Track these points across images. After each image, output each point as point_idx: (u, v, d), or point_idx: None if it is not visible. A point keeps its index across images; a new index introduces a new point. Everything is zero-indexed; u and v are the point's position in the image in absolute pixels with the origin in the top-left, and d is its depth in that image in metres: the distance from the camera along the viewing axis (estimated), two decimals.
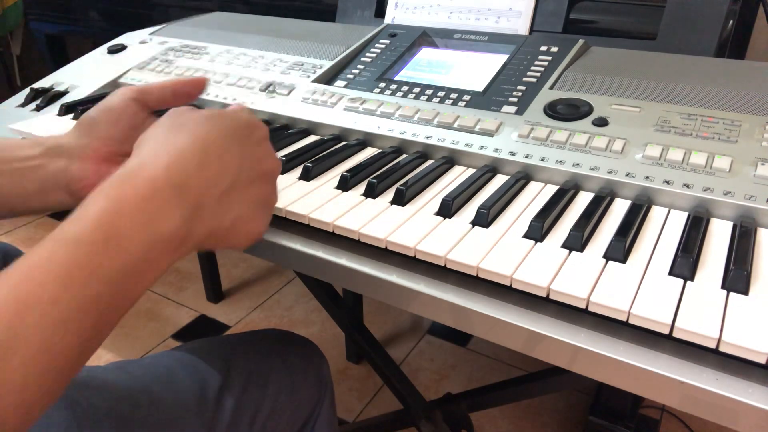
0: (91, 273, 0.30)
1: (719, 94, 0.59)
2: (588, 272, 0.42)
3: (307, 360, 0.67)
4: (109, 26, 1.51)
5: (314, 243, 0.51)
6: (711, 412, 0.35)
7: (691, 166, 0.52)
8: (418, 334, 1.49)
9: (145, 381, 0.54)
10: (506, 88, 0.67)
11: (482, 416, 1.24)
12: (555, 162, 0.55)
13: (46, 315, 0.27)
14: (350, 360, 1.42)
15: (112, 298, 0.31)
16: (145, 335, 1.52)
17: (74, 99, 0.81)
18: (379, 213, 0.51)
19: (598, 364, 0.38)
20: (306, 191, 0.55)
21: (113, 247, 0.31)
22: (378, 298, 0.47)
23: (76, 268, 0.29)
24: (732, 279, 0.40)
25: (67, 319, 0.28)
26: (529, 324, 0.41)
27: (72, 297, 0.29)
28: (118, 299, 0.31)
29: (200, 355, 0.60)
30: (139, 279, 0.32)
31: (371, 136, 0.65)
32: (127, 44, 0.97)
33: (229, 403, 0.56)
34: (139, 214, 0.32)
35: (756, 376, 0.35)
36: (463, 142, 0.60)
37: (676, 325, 0.36)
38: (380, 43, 0.80)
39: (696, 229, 0.46)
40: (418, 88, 0.70)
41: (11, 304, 0.27)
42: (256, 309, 1.61)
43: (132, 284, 0.32)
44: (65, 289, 0.29)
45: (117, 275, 0.31)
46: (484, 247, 0.45)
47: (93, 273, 0.30)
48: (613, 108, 0.60)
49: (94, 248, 0.30)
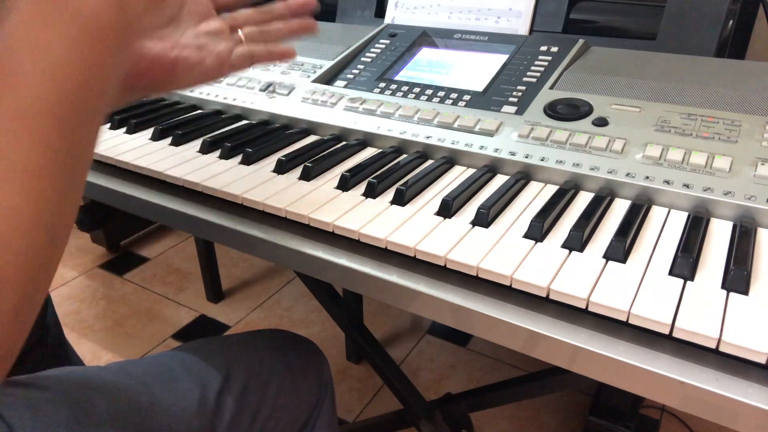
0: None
1: (719, 94, 0.59)
2: (588, 272, 0.42)
3: (307, 360, 0.67)
4: None
5: (314, 243, 0.51)
6: (711, 412, 0.35)
7: (691, 166, 0.52)
8: (418, 334, 1.49)
9: (145, 381, 0.54)
10: (506, 88, 0.67)
11: (482, 416, 1.24)
12: (555, 162, 0.55)
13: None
14: (350, 360, 1.42)
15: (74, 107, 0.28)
16: (145, 335, 1.52)
17: None
18: (379, 213, 0.51)
19: (598, 364, 0.38)
20: (306, 191, 0.55)
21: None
22: (378, 298, 0.47)
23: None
24: (732, 279, 0.40)
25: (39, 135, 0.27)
26: (529, 324, 0.41)
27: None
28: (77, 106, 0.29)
29: (200, 355, 0.60)
30: (85, 76, 0.29)
31: (371, 136, 0.66)
32: None
33: (229, 403, 0.56)
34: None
35: (756, 376, 0.35)
36: (463, 142, 0.60)
37: (676, 325, 0.36)
38: (380, 43, 0.80)
39: (696, 229, 0.46)
40: (418, 88, 0.70)
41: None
42: (256, 309, 1.61)
43: (83, 83, 0.29)
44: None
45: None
46: (484, 247, 0.45)
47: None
48: (613, 108, 0.60)
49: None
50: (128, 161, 0.64)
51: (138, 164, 0.63)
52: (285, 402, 0.61)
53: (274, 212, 0.53)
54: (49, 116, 0.28)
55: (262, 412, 0.59)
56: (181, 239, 1.93)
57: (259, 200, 0.53)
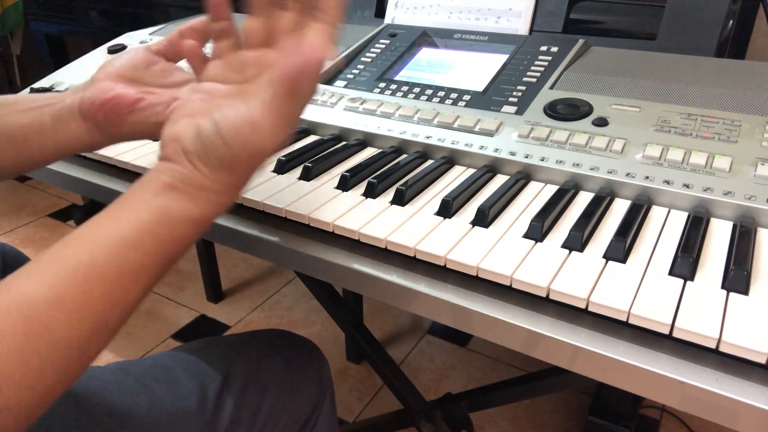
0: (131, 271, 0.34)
1: (719, 94, 0.59)
2: (588, 272, 0.42)
3: (307, 360, 0.67)
4: (109, 26, 1.51)
5: (314, 243, 0.51)
6: (711, 412, 0.35)
7: (691, 166, 0.51)
8: (418, 334, 1.49)
9: (144, 381, 0.54)
10: (506, 88, 0.67)
11: (482, 416, 1.24)
12: (555, 162, 0.55)
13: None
14: (350, 360, 1.42)
15: (159, 269, 0.36)
16: (145, 335, 1.52)
17: None
18: (379, 213, 0.51)
19: (598, 364, 0.38)
20: (306, 191, 0.55)
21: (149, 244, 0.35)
22: (378, 298, 0.47)
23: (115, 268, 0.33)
24: (732, 279, 0.40)
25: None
26: (529, 324, 0.41)
27: (109, 291, 0.33)
28: (161, 271, 0.36)
29: (200, 355, 0.60)
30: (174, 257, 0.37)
31: (371, 136, 0.65)
32: (127, 44, 0.97)
33: (229, 404, 0.56)
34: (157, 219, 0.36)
35: (756, 376, 0.35)
36: (463, 142, 0.60)
37: (676, 325, 0.36)
38: (380, 43, 0.80)
39: (696, 229, 0.46)
40: (418, 88, 0.70)
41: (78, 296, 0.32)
42: (256, 309, 1.61)
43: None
44: (110, 287, 0.33)
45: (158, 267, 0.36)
46: (484, 247, 0.45)
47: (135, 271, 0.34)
48: (613, 108, 0.60)
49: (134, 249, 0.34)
50: (128, 161, 0.64)
51: (138, 164, 0.63)
52: (285, 402, 0.61)
53: (274, 212, 0.53)
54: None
55: (261, 412, 0.59)
56: None
57: (259, 200, 0.53)
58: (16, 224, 2.02)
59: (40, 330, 0.30)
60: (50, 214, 2.07)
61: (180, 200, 0.36)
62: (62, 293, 0.31)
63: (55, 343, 0.30)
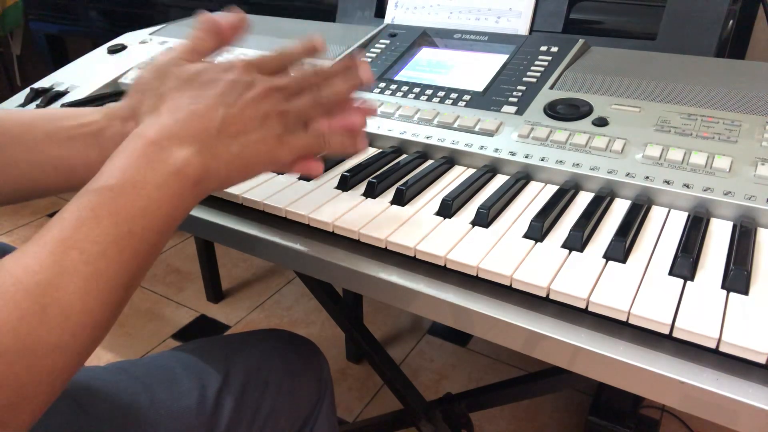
0: (116, 214, 0.34)
1: (719, 94, 0.59)
2: (588, 272, 0.42)
3: (307, 360, 0.67)
4: (109, 26, 1.51)
5: (314, 243, 0.51)
6: (711, 412, 0.35)
7: (691, 166, 0.51)
8: (418, 334, 1.49)
9: (145, 381, 0.54)
10: (506, 88, 0.67)
11: (482, 416, 1.24)
12: (555, 162, 0.55)
13: (85, 251, 0.33)
14: (350, 360, 1.42)
15: (143, 231, 0.35)
16: (145, 335, 1.52)
17: (74, 99, 0.81)
18: (379, 213, 0.51)
19: (598, 364, 0.38)
20: (306, 191, 0.55)
21: (129, 190, 0.35)
22: (378, 298, 0.47)
23: (103, 211, 0.34)
24: (732, 279, 0.40)
25: (106, 251, 0.33)
26: (529, 324, 0.41)
27: (105, 233, 0.34)
28: (150, 233, 0.36)
29: (200, 355, 0.60)
30: (164, 214, 0.37)
31: (371, 136, 0.65)
32: (127, 44, 0.97)
33: (228, 403, 0.56)
34: (145, 159, 0.37)
35: (756, 376, 0.35)
36: (463, 142, 0.60)
37: (676, 325, 0.36)
38: (380, 43, 0.80)
39: (696, 229, 0.46)
40: (418, 88, 0.70)
41: (56, 244, 0.32)
42: (256, 309, 1.61)
43: (159, 220, 0.36)
44: (98, 228, 0.34)
45: (140, 213, 0.35)
46: (484, 247, 0.45)
47: (117, 214, 0.34)
48: (613, 108, 0.60)
49: (112, 193, 0.35)
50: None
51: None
52: (284, 402, 0.61)
53: (274, 212, 0.53)
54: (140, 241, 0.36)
55: (261, 412, 0.59)
56: (181, 239, 1.93)
57: (259, 200, 0.53)
58: (16, 224, 2.02)
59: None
60: (50, 214, 2.07)
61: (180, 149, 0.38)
62: None
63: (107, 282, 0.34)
